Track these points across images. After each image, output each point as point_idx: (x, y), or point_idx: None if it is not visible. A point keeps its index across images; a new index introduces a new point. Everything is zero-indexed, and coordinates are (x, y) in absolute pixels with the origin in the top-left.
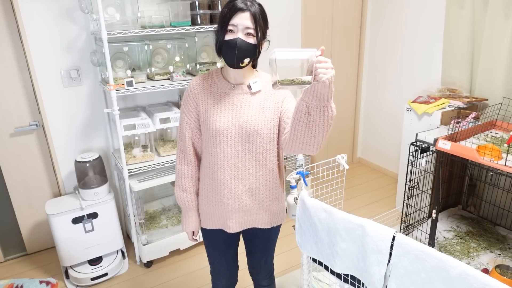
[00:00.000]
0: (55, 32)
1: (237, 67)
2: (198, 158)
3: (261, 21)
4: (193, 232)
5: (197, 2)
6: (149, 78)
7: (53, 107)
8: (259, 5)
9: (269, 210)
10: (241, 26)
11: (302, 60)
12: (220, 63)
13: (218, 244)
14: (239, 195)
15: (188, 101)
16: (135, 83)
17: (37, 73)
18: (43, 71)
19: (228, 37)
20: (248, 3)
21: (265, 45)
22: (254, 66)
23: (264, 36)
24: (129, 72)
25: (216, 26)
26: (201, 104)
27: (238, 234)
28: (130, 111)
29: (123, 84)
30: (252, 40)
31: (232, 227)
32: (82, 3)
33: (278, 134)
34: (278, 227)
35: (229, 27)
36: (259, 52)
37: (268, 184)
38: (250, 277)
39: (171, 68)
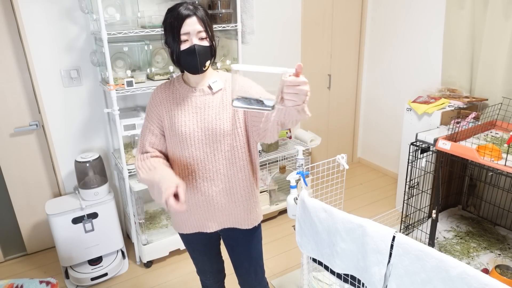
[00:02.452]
0: (55, 32)
1: (201, 72)
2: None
3: (208, 21)
4: (175, 192)
5: (197, 2)
6: (149, 78)
7: (53, 107)
8: (200, 5)
9: (247, 208)
10: (193, 31)
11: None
12: (221, 62)
13: (198, 247)
14: (213, 197)
15: (151, 109)
16: (135, 83)
17: (37, 73)
18: (43, 71)
19: (184, 46)
20: (191, 7)
21: (216, 41)
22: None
23: (213, 34)
24: (129, 72)
25: (216, 26)
26: (164, 112)
27: (217, 235)
28: (130, 111)
29: (123, 84)
30: (206, 43)
31: (211, 227)
32: (82, 3)
33: (246, 129)
34: (259, 231)
35: (182, 37)
36: (215, 51)
37: (242, 182)
38: None
39: (171, 68)
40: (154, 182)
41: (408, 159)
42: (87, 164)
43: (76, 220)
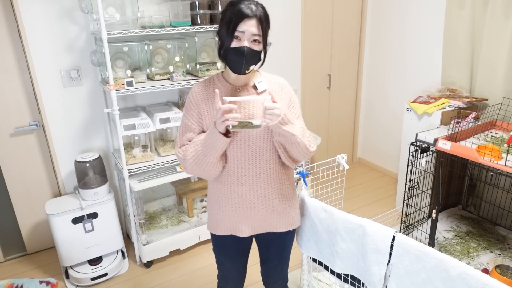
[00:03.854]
0: (55, 32)
1: (243, 73)
2: None
3: (265, 26)
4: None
5: (197, 2)
6: (149, 78)
7: (53, 107)
8: (263, 7)
9: (283, 214)
10: (248, 33)
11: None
12: (221, 63)
13: (230, 252)
14: (250, 201)
15: (191, 108)
16: (135, 83)
17: (37, 73)
18: (43, 71)
19: (235, 44)
20: (253, 7)
21: (268, 47)
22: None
23: (267, 40)
24: (129, 72)
25: (216, 26)
26: (205, 111)
27: (250, 240)
28: (130, 111)
29: (123, 84)
30: (257, 47)
31: (245, 231)
32: (82, 3)
33: None
34: (293, 233)
35: (236, 34)
36: (264, 57)
37: (279, 187)
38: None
39: (171, 68)
40: (203, 140)
41: (408, 159)
42: (87, 164)
43: (76, 220)
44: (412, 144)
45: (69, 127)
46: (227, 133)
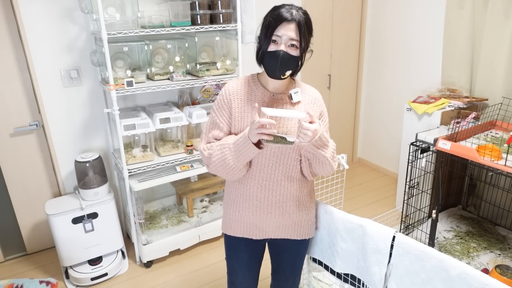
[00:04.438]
0: (55, 32)
1: (278, 78)
2: None
3: (305, 31)
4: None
5: (197, 2)
6: (149, 78)
7: (53, 107)
8: (305, 13)
9: (298, 222)
10: (285, 37)
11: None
12: (221, 63)
13: (243, 256)
14: (267, 206)
15: (222, 106)
16: (135, 83)
17: (37, 73)
18: (43, 71)
19: (272, 48)
20: (294, 12)
21: (308, 55)
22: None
23: (307, 46)
24: (129, 72)
25: (216, 26)
26: (236, 111)
27: (263, 246)
28: (130, 111)
29: (123, 84)
30: (295, 52)
31: (258, 234)
32: (82, 3)
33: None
34: (307, 241)
35: (273, 37)
36: (302, 64)
37: (297, 194)
38: None
39: (171, 68)
40: (233, 146)
41: (408, 159)
42: (87, 164)
43: (76, 220)
44: (412, 144)
45: (69, 127)
46: (258, 143)
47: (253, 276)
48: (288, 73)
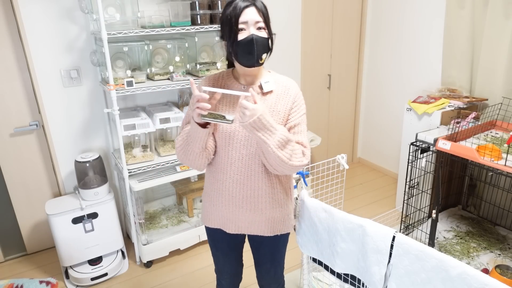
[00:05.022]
0: (55, 32)
1: (257, 64)
2: None
3: (266, 13)
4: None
5: (197, 2)
6: (149, 78)
7: (53, 107)
8: None
9: (271, 218)
10: (252, 21)
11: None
12: (221, 63)
13: (222, 246)
14: (238, 200)
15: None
16: (135, 83)
17: (37, 73)
18: (43, 71)
19: (242, 36)
20: None
21: (273, 36)
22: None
23: (270, 28)
24: (129, 72)
25: (216, 26)
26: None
27: (241, 236)
28: (130, 111)
29: (123, 84)
30: (264, 34)
31: (231, 228)
32: (82, 3)
33: None
34: (285, 235)
35: (240, 26)
36: (272, 45)
37: (270, 190)
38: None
39: (171, 68)
40: (188, 130)
41: (408, 159)
42: (87, 164)
43: (76, 220)
44: (412, 144)
45: (69, 127)
46: (206, 125)
47: (233, 260)
48: (264, 56)
